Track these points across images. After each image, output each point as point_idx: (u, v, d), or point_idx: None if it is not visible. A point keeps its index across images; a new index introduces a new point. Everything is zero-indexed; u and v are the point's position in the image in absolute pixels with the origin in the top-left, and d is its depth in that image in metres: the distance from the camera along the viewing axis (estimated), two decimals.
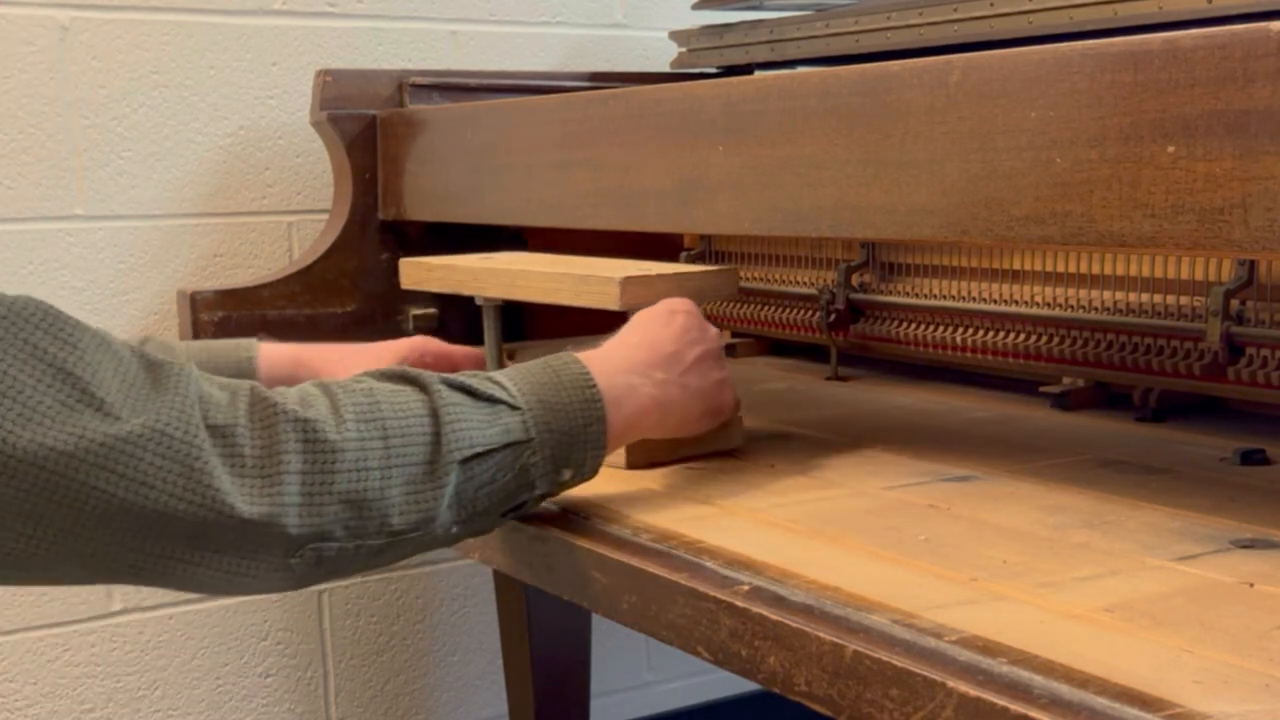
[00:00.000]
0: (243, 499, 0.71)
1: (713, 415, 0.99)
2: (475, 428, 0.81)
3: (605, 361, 0.92)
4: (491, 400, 0.83)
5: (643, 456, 1.02)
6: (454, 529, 0.82)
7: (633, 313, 1.05)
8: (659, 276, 1.07)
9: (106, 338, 0.73)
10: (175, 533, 0.71)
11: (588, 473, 0.88)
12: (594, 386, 0.88)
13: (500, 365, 1.20)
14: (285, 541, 0.73)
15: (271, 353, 1.15)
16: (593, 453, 0.88)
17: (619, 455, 1.01)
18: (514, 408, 0.84)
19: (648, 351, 0.95)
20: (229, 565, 0.73)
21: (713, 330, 1.01)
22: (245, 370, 1.13)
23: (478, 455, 0.81)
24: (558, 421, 0.85)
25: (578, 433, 0.86)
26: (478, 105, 1.42)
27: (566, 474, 0.87)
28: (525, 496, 0.85)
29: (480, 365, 1.29)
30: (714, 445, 1.04)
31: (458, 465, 0.79)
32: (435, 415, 0.80)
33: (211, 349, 1.14)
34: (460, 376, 0.84)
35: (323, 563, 0.76)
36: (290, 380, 1.13)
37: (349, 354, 1.19)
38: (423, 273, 1.25)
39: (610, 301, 1.07)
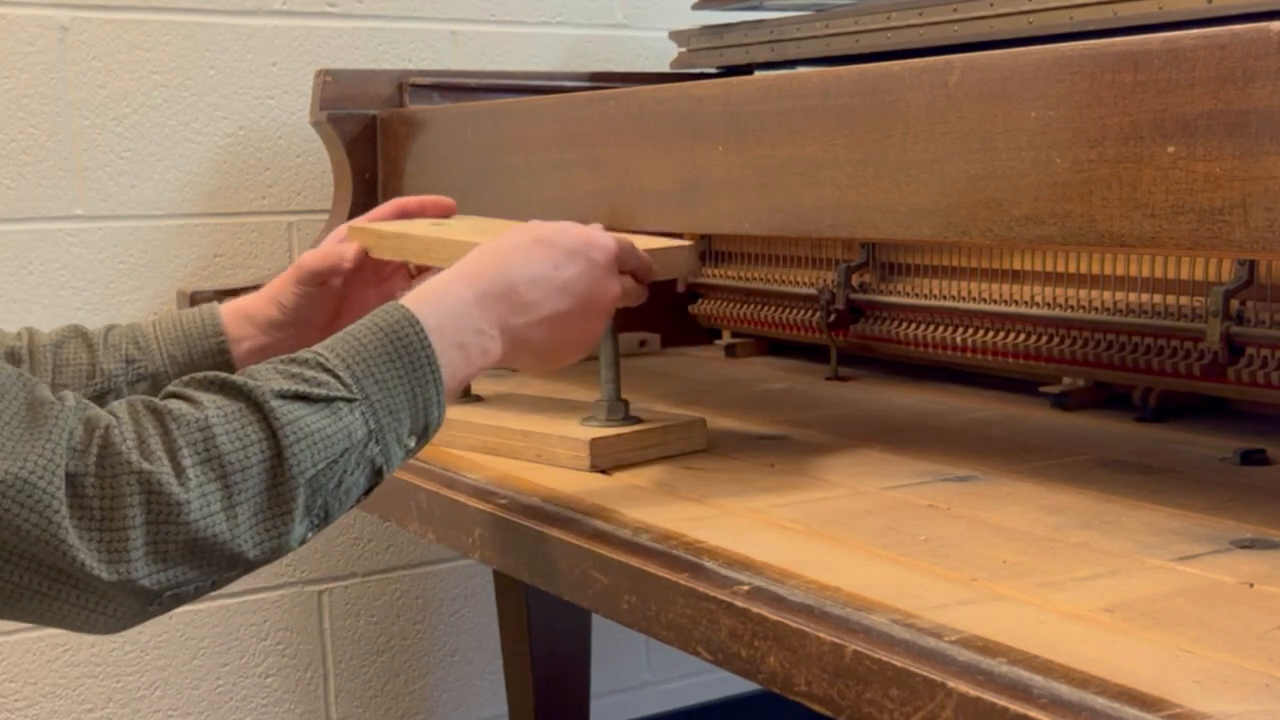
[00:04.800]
0: (93, 556, 0.71)
1: (570, 355, 0.94)
2: (317, 442, 0.77)
3: (443, 314, 0.86)
4: (328, 401, 0.79)
5: (609, 460, 1.02)
6: (308, 536, 0.80)
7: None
8: None
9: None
10: (35, 568, 0.71)
11: (433, 431, 0.85)
12: (429, 347, 0.83)
13: None
14: (141, 595, 0.73)
15: (235, 309, 1.12)
16: (437, 413, 0.84)
17: (582, 458, 1.01)
18: (349, 400, 0.79)
19: (496, 296, 0.89)
20: (87, 603, 0.73)
21: (586, 262, 0.94)
22: (214, 338, 1.09)
23: (321, 470, 0.78)
24: (396, 398, 0.81)
25: (416, 401, 0.82)
26: (478, 105, 1.42)
27: (413, 441, 0.83)
28: (375, 483, 0.83)
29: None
30: (680, 447, 1.05)
31: (304, 485, 0.77)
32: (274, 438, 0.76)
33: (179, 323, 1.10)
34: (291, 384, 0.78)
35: (183, 598, 0.76)
36: (256, 323, 1.12)
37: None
38: (373, 239, 1.17)
39: None
